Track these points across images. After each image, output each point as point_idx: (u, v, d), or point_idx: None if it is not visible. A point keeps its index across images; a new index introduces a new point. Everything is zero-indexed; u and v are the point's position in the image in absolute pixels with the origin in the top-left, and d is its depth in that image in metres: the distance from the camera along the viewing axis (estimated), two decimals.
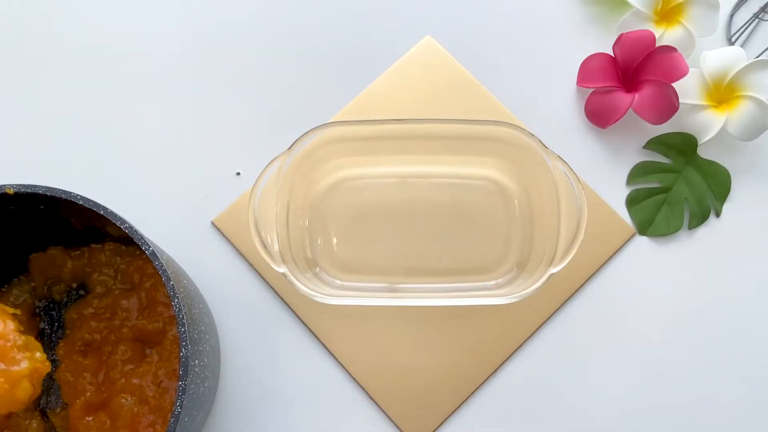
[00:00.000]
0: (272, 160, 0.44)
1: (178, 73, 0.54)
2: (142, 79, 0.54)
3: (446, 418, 0.48)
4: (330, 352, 0.49)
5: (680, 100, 0.50)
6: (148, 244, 0.37)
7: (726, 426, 0.49)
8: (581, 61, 0.52)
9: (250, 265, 0.50)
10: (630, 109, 0.50)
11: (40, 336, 0.47)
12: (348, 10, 0.55)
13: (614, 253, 0.51)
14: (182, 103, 0.53)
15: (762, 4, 0.55)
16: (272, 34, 0.54)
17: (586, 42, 0.54)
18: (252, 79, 0.54)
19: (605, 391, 0.49)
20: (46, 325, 0.47)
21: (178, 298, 0.37)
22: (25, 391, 0.37)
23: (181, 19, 0.55)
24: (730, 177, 0.51)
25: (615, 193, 0.52)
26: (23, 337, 0.37)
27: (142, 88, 0.54)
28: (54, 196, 0.38)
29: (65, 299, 0.48)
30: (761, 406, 0.49)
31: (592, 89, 0.52)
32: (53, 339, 0.47)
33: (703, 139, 0.51)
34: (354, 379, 0.48)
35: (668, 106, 0.50)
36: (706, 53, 0.50)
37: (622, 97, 0.51)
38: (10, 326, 0.37)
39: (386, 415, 0.48)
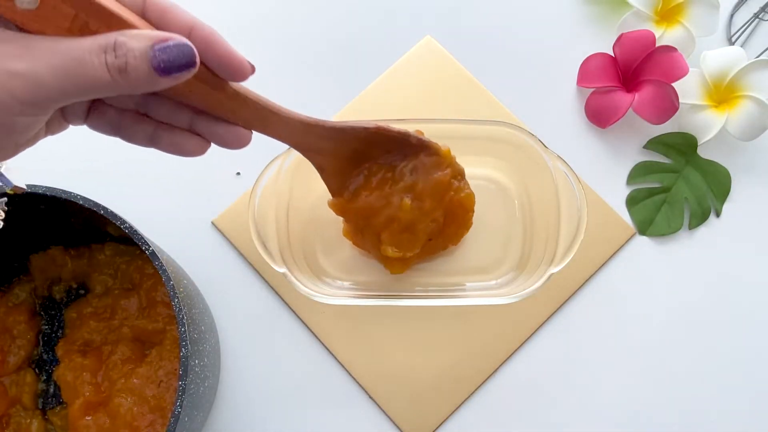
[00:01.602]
0: (272, 160, 0.44)
1: None
2: None
3: (446, 418, 0.48)
4: (330, 352, 0.49)
5: (680, 100, 0.50)
6: (148, 244, 0.37)
7: (727, 426, 0.49)
8: (581, 61, 0.52)
9: (250, 265, 0.50)
10: (630, 109, 0.50)
11: (40, 336, 0.47)
12: (348, 10, 0.55)
13: (614, 253, 0.51)
14: None
15: (762, 4, 0.55)
16: (272, 34, 0.54)
17: (586, 42, 0.54)
18: (251, 79, 0.54)
19: (605, 391, 0.49)
20: (46, 324, 0.47)
21: (178, 298, 0.37)
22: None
23: None
24: (730, 177, 0.51)
25: (615, 193, 0.52)
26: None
27: None
28: (54, 196, 0.38)
29: (65, 299, 0.48)
30: (762, 405, 0.49)
31: (592, 89, 0.52)
32: (53, 338, 0.47)
33: (703, 139, 0.51)
34: (354, 379, 0.48)
35: (668, 106, 0.50)
36: (706, 53, 0.50)
37: (622, 97, 0.51)
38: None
39: (386, 415, 0.48)
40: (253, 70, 0.31)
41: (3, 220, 0.34)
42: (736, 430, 0.49)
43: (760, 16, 0.55)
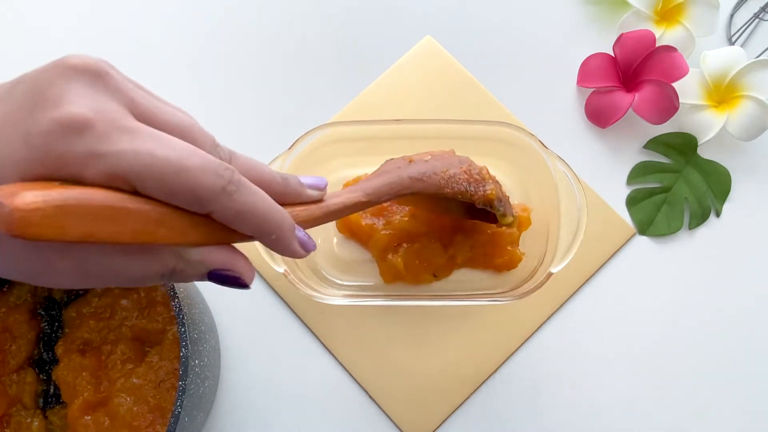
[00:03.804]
0: (272, 160, 0.44)
1: (178, 73, 0.54)
2: (141, 79, 0.54)
3: (446, 418, 0.48)
4: (330, 352, 0.49)
5: (680, 100, 0.50)
6: None
7: (728, 425, 0.48)
8: (581, 61, 0.52)
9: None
10: (630, 109, 0.50)
11: (40, 335, 0.47)
12: (348, 10, 0.55)
13: (614, 253, 0.51)
14: (182, 104, 0.53)
15: (762, 4, 0.55)
16: (273, 34, 0.55)
17: (586, 42, 0.54)
18: (252, 80, 0.54)
19: (605, 391, 0.49)
20: (47, 324, 0.47)
21: (177, 298, 0.37)
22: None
23: (181, 20, 0.55)
24: (730, 177, 0.51)
25: (615, 193, 0.52)
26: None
27: None
28: None
29: (65, 298, 0.48)
30: (761, 405, 0.49)
31: (592, 89, 0.52)
32: (54, 338, 0.47)
33: (703, 139, 0.51)
34: (354, 379, 0.48)
35: (668, 106, 0.50)
36: (706, 53, 0.50)
37: (622, 97, 0.51)
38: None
39: (386, 415, 0.48)
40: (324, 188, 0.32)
41: None
42: (737, 429, 0.49)
43: (760, 16, 0.55)
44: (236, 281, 0.26)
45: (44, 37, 0.54)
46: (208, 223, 0.24)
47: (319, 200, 0.32)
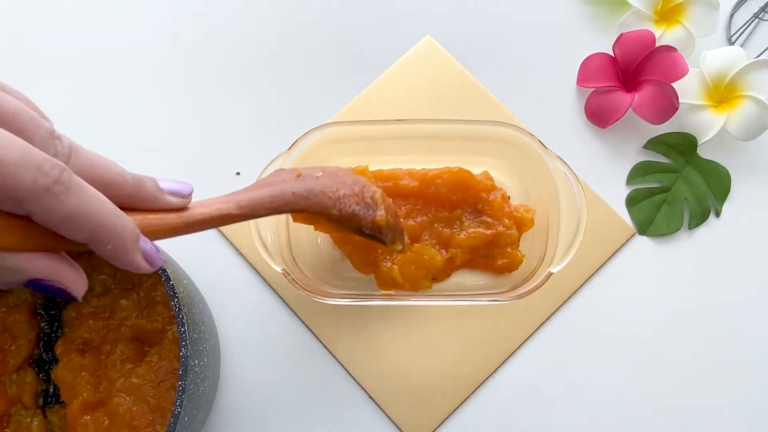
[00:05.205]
0: (272, 160, 0.44)
1: (178, 73, 0.54)
2: (141, 79, 0.54)
3: (446, 418, 0.48)
4: (330, 352, 0.49)
5: (680, 100, 0.50)
6: None
7: (728, 426, 0.48)
8: (581, 61, 0.52)
9: (250, 265, 0.50)
10: (630, 109, 0.50)
11: (40, 335, 0.47)
12: (348, 10, 0.55)
13: (614, 253, 0.51)
14: (182, 104, 0.53)
15: (762, 4, 0.55)
16: (272, 34, 0.55)
17: (586, 42, 0.54)
18: (252, 79, 0.54)
19: (605, 391, 0.49)
20: (46, 324, 0.47)
21: (177, 297, 0.37)
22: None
23: (180, 19, 0.55)
24: (730, 177, 0.51)
25: (615, 193, 0.52)
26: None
27: (142, 88, 0.54)
28: None
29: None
30: (761, 405, 0.49)
31: (592, 89, 0.52)
32: (53, 338, 0.47)
33: (703, 139, 0.51)
34: (354, 379, 0.48)
35: (668, 106, 0.50)
36: (706, 53, 0.50)
37: (622, 97, 0.51)
38: None
39: (386, 415, 0.48)
40: (189, 194, 0.29)
41: None
42: (738, 429, 0.49)
43: (760, 16, 0.55)
44: (61, 293, 0.24)
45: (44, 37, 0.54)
46: (28, 226, 0.22)
47: (182, 209, 0.28)
